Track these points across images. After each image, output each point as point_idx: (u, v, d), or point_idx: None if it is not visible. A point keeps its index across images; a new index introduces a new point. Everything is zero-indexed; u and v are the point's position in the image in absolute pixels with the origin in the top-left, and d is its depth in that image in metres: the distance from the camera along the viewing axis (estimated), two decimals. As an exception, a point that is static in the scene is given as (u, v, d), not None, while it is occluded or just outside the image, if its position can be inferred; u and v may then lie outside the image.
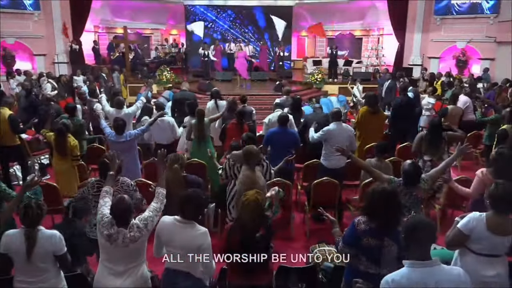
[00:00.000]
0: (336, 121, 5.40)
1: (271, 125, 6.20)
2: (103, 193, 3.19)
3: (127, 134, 5.34)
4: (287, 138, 5.39)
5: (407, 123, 7.12)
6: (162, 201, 3.19)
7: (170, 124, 6.28)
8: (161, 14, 19.19)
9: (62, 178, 5.26)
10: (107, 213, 2.98)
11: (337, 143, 5.25)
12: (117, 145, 5.29)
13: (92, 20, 16.62)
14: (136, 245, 2.90)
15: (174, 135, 6.35)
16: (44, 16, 14.68)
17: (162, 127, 6.19)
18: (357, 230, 2.78)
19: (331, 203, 4.99)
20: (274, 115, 6.36)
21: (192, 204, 2.99)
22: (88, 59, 16.02)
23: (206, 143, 6.04)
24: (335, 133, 5.31)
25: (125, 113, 6.18)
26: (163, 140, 6.31)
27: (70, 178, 5.34)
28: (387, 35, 17.11)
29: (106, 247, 2.91)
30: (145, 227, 2.94)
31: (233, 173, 4.33)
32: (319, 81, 14.71)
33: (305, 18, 20.26)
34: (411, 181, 3.47)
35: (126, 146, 5.30)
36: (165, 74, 14.51)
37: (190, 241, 2.93)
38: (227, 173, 4.39)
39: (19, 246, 2.86)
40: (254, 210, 3.04)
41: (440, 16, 15.17)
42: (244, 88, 14.05)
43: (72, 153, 5.37)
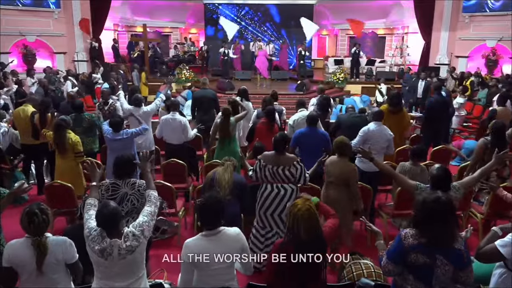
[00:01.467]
0: (376, 121, 5.02)
1: (296, 126, 5.85)
2: (87, 206, 2.84)
3: (124, 132, 5.15)
4: (316, 139, 5.02)
5: (441, 124, 6.67)
6: (156, 204, 2.88)
7: (182, 124, 5.88)
8: (181, 13, 19.06)
9: (66, 178, 4.94)
10: (94, 226, 2.62)
11: (376, 145, 4.94)
12: (113, 143, 5.12)
13: (112, 18, 16.57)
14: (134, 256, 2.57)
15: (185, 136, 5.94)
16: (65, 14, 14.65)
17: (173, 126, 5.86)
18: (404, 245, 2.41)
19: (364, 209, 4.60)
20: (300, 115, 6.01)
21: (211, 211, 2.70)
22: (108, 57, 15.95)
23: (231, 143, 5.74)
24: (375, 134, 4.95)
25: (143, 111, 5.92)
26: (173, 140, 5.95)
27: (74, 177, 5.03)
28: (412, 34, 16.54)
29: (101, 264, 2.56)
30: (141, 234, 2.60)
31: (264, 175, 3.98)
32: (341, 81, 14.29)
33: (326, 17, 19.83)
34: (440, 187, 3.03)
35: (122, 144, 5.09)
36: (184, 73, 14.32)
37: (231, 246, 2.70)
38: (257, 174, 4.04)
39: (27, 257, 2.59)
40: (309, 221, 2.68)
41: (469, 14, 14.54)
42: (264, 87, 13.72)
43: (74, 149, 5.08)
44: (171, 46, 19.30)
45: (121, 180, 3.52)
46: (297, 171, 3.95)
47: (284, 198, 3.91)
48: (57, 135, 5.03)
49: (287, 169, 3.92)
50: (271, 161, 3.97)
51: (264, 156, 4.07)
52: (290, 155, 4.04)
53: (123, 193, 3.49)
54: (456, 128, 8.80)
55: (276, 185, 3.96)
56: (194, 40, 19.29)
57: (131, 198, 3.47)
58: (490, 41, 14.34)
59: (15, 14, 13.53)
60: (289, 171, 3.93)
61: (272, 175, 3.94)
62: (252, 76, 15.57)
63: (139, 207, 3.41)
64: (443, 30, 15.02)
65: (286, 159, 3.98)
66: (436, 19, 14.97)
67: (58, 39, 14.65)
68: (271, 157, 4.00)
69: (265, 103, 6.80)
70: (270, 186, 3.98)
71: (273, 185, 3.97)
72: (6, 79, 9.45)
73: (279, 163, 3.94)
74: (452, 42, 15.07)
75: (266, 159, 4.01)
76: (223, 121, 5.62)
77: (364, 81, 15.04)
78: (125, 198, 3.48)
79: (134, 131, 5.25)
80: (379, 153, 4.96)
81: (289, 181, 3.96)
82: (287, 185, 3.95)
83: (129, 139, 5.18)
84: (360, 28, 16.73)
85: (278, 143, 4.01)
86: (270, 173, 3.95)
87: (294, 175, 3.94)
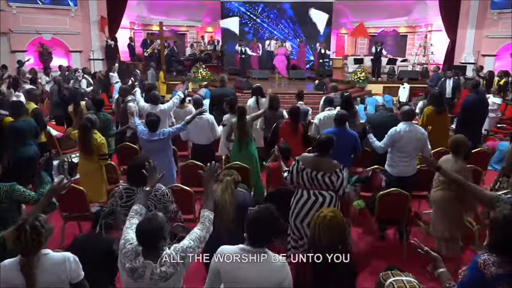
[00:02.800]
0: (406, 121, 4.58)
1: (322, 125, 5.46)
2: (132, 212, 2.52)
3: (161, 132, 4.73)
4: (346, 140, 4.61)
5: (477, 125, 6.19)
6: (209, 229, 2.48)
7: (209, 122, 5.59)
8: (197, 11, 18.80)
9: (88, 181, 4.69)
10: (131, 238, 2.29)
11: (407, 147, 4.51)
12: (149, 144, 4.71)
13: (128, 16, 16.39)
14: (167, 284, 2.20)
15: (214, 134, 5.66)
16: (81, 12, 14.52)
17: (200, 125, 5.51)
18: (485, 275, 1.98)
19: (399, 218, 4.20)
20: (326, 114, 5.62)
21: (264, 225, 2.27)
22: (123, 56, 15.78)
23: (248, 144, 5.38)
24: (405, 136, 4.50)
25: (160, 110, 5.58)
26: (202, 140, 5.65)
27: (97, 181, 4.76)
28: (436, 32, 15.92)
29: (129, 284, 2.23)
30: (182, 261, 2.22)
31: (302, 180, 3.56)
32: (362, 80, 13.80)
33: (346, 15, 19.34)
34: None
35: (159, 146, 4.71)
36: (200, 72, 14.03)
37: (265, 278, 2.21)
38: (293, 178, 3.61)
39: (18, 280, 2.17)
40: (332, 231, 2.31)
41: (498, 10, 13.89)
42: (282, 87, 13.33)
43: (98, 151, 4.77)
44: (187, 45, 19.06)
45: (135, 186, 3.16)
46: (338, 180, 3.54)
47: (323, 206, 3.50)
48: (83, 136, 4.75)
49: (327, 176, 3.52)
50: (311, 164, 3.55)
51: (304, 158, 3.64)
52: (332, 161, 3.61)
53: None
54: (489, 129, 8.28)
55: (313, 191, 3.55)
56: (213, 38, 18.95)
57: (148, 204, 3.10)
58: (519, 39, 13.68)
59: (32, 12, 13.44)
60: (329, 179, 3.52)
61: (310, 180, 3.54)
62: (269, 75, 15.20)
63: None
64: (469, 28, 14.41)
65: (328, 164, 3.57)
66: (462, 17, 14.37)
67: (74, 38, 14.53)
68: (311, 161, 3.58)
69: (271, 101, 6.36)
70: (307, 192, 3.57)
71: (310, 192, 3.56)
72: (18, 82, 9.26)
73: (319, 168, 3.53)
74: (478, 40, 14.44)
75: (306, 162, 3.58)
76: (239, 120, 5.26)
77: (386, 81, 14.52)
78: None
79: (172, 130, 4.84)
80: (411, 155, 4.54)
81: (328, 189, 3.56)
82: (325, 192, 3.55)
83: (166, 139, 4.78)
84: (363, 29, 16.25)
85: (322, 145, 3.59)
86: (308, 178, 3.54)
87: (334, 183, 3.53)
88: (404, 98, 13.08)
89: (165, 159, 4.73)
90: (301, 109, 5.83)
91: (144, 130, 4.72)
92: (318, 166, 3.53)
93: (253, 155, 5.45)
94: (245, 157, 5.31)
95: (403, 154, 4.52)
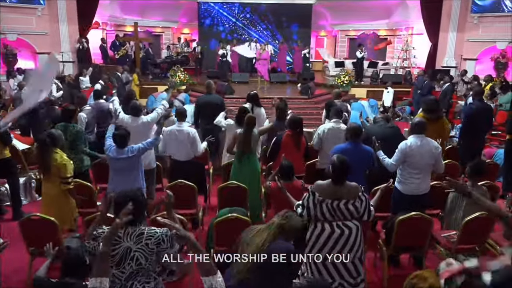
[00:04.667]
0: (417, 134, 4.15)
1: (325, 139, 4.97)
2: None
3: (129, 149, 4.11)
4: (360, 156, 4.14)
5: (481, 135, 5.87)
6: None
7: (190, 136, 4.92)
8: (173, 12, 18.04)
9: (50, 207, 4.00)
10: None
11: (419, 163, 4.07)
12: (116, 163, 4.13)
13: (100, 16, 15.49)
14: None
15: (194, 150, 5.00)
16: (49, 11, 13.56)
17: (179, 139, 4.89)
18: None
19: (420, 244, 3.75)
20: (331, 127, 5.07)
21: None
22: (95, 58, 14.90)
23: (250, 160, 4.84)
24: (417, 150, 4.06)
25: (142, 122, 4.94)
26: (181, 156, 4.98)
27: (60, 207, 4.06)
28: (417, 35, 15.82)
29: None
30: None
31: (321, 213, 3.02)
32: (346, 84, 13.50)
33: (325, 17, 19.07)
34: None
35: (128, 164, 4.13)
36: (178, 75, 13.36)
37: None
38: (310, 212, 3.07)
39: None
40: None
41: (478, 14, 13.88)
42: (265, 91, 12.83)
43: (59, 173, 4.05)
44: (163, 47, 18.30)
45: (121, 229, 2.44)
46: (362, 205, 3.05)
47: (350, 239, 3.00)
48: (40, 152, 4.06)
49: (351, 203, 3.02)
50: (330, 194, 3.03)
51: (319, 188, 3.09)
52: (352, 184, 3.11)
53: (125, 249, 2.45)
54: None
55: (336, 223, 3.03)
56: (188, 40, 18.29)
57: (136, 256, 2.44)
58: (501, 43, 13.70)
59: (-6, 10, 12.42)
60: (354, 206, 3.02)
61: (332, 211, 3.02)
62: (249, 78, 14.71)
63: (147, 267, 2.47)
64: (450, 31, 14.34)
65: (349, 190, 3.06)
66: (444, 20, 14.28)
67: (42, 38, 13.55)
68: (329, 189, 3.05)
69: (279, 111, 5.94)
70: (329, 225, 3.03)
71: (333, 225, 3.03)
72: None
73: (340, 196, 3.02)
74: (460, 44, 14.40)
75: (323, 193, 3.04)
76: (246, 132, 4.71)
77: (369, 85, 14.28)
78: (127, 256, 2.44)
79: (142, 146, 4.17)
80: (424, 172, 4.12)
81: (352, 217, 3.06)
82: (350, 222, 3.05)
83: (136, 157, 4.16)
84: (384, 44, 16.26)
85: (340, 171, 3.04)
86: (329, 209, 3.01)
87: (358, 209, 3.04)
88: (388, 102, 12.87)
89: (135, 179, 4.15)
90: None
91: (112, 146, 4.11)
92: (338, 195, 3.02)
93: (256, 170, 4.93)
94: (246, 171, 4.79)
95: (415, 170, 4.09)
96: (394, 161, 4.14)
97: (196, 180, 4.83)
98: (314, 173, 5.05)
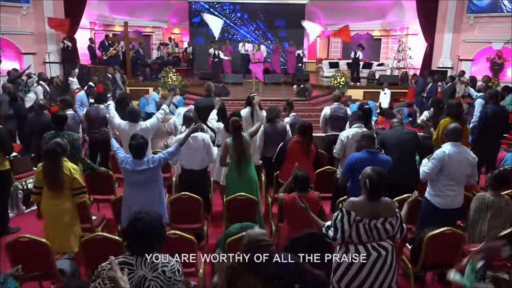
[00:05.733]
0: (454, 142, 3.85)
1: (350, 146, 4.66)
2: None
3: (149, 159, 3.72)
4: (378, 166, 3.73)
5: (497, 139, 5.61)
6: None
7: (205, 143, 4.52)
8: (163, 11, 17.61)
9: (56, 226, 3.58)
10: None
11: (457, 173, 3.77)
12: (135, 176, 3.70)
13: (89, 16, 14.98)
14: None
15: (210, 157, 4.63)
16: (34, 10, 13.01)
17: (194, 147, 4.47)
18: None
19: (451, 261, 3.45)
20: (355, 132, 4.77)
21: None
22: (83, 58, 14.37)
23: (248, 167, 4.49)
24: (455, 159, 3.77)
25: (141, 129, 4.53)
26: (195, 165, 4.59)
27: (67, 226, 3.65)
28: (412, 35, 15.65)
29: None
30: None
31: (357, 234, 2.68)
32: (342, 85, 13.22)
33: (318, 17, 18.80)
34: None
35: (148, 177, 3.72)
36: (170, 76, 12.92)
37: None
38: (344, 234, 2.69)
39: None
40: None
41: (474, 14, 13.76)
42: (260, 92, 12.48)
43: (72, 185, 3.70)
44: (153, 47, 17.84)
45: (135, 256, 2.12)
46: (397, 222, 2.73)
47: (386, 262, 2.68)
48: (49, 164, 3.64)
49: (388, 221, 2.70)
50: (368, 213, 2.69)
51: (355, 205, 2.74)
52: (386, 200, 2.78)
53: (139, 278, 2.11)
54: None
55: (371, 245, 2.69)
56: (177, 40, 17.86)
57: (151, 285, 2.11)
58: (496, 43, 13.60)
59: (-25, 9, 11.85)
60: (390, 224, 2.71)
61: (369, 232, 2.68)
62: (243, 79, 14.35)
63: None
64: (446, 32, 14.19)
65: (385, 206, 2.74)
66: (440, 20, 14.13)
67: (27, 38, 12.99)
68: (365, 207, 2.71)
69: (271, 113, 5.55)
70: (364, 248, 2.69)
71: (368, 247, 2.69)
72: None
73: (378, 214, 2.69)
74: (456, 45, 14.26)
75: (360, 212, 2.69)
76: (236, 138, 4.37)
77: (366, 86, 14.04)
78: (143, 285, 2.11)
79: (163, 155, 3.81)
80: (460, 183, 3.83)
81: (387, 236, 2.73)
82: (384, 242, 2.72)
83: (157, 167, 3.78)
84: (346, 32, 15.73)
85: (378, 185, 2.71)
86: (366, 230, 2.68)
87: (394, 227, 2.73)
88: (385, 104, 12.63)
89: (154, 193, 3.75)
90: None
91: (127, 157, 3.71)
92: (376, 212, 2.69)
93: (254, 180, 4.58)
94: (245, 184, 4.44)
95: (452, 181, 3.79)
96: (428, 169, 3.84)
97: (201, 190, 4.49)
98: (328, 182, 4.75)
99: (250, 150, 4.59)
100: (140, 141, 3.68)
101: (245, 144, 4.48)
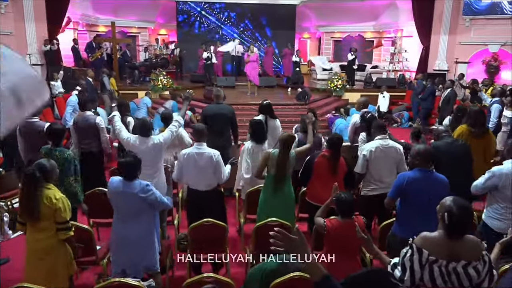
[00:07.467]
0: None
1: (373, 160, 4.17)
2: None
3: (143, 186, 3.21)
4: (434, 188, 3.25)
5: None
6: None
7: (213, 161, 3.90)
8: (150, 11, 16.90)
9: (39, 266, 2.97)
10: None
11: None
12: (120, 200, 3.26)
13: (72, 15, 14.16)
14: None
15: (219, 177, 3.99)
16: (13, 8, 12.15)
17: (200, 165, 3.91)
18: None
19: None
20: (379, 145, 4.23)
21: None
22: (67, 60, 13.57)
23: (285, 187, 4.01)
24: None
25: (154, 144, 3.92)
26: (200, 185, 3.97)
27: (53, 265, 3.05)
28: (407, 37, 15.42)
29: None
30: None
31: (431, 278, 2.17)
32: (340, 88, 12.84)
33: (309, 19, 18.48)
34: None
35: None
36: (160, 79, 12.29)
37: None
38: (415, 277, 2.18)
39: None
40: None
41: (470, 16, 13.59)
42: (255, 96, 11.97)
43: (56, 218, 3.04)
44: (139, 49, 17.10)
45: None
46: (485, 268, 2.19)
47: None
48: (25, 190, 3.01)
49: (472, 266, 2.17)
50: (445, 253, 2.17)
51: (428, 242, 2.22)
52: (472, 239, 2.25)
53: None
54: (500, 148, 7.50)
55: None
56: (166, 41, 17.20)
57: None
58: (493, 46, 13.47)
59: (-52, 7, 10.96)
60: (475, 269, 2.16)
61: (446, 276, 2.17)
62: (235, 83, 13.82)
63: None
64: (442, 34, 13.99)
65: (469, 247, 2.21)
66: (436, 22, 13.92)
67: (6, 39, 12.07)
68: (442, 246, 2.18)
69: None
70: None
71: None
72: None
73: (458, 255, 2.17)
74: (452, 47, 14.07)
75: (435, 251, 2.18)
76: (282, 153, 3.90)
77: (363, 89, 13.70)
78: None
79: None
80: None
81: (470, 285, 2.20)
82: None
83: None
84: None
85: (459, 220, 2.18)
86: (443, 273, 2.16)
87: (480, 274, 2.17)
88: (384, 107, 12.31)
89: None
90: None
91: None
92: (457, 254, 2.19)
93: (291, 201, 4.14)
94: (281, 203, 3.97)
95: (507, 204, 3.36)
96: (480, 186, 3.41)
97: (216, 212, 3.96)
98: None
99: (291, 169, 4.12)
100: (129, 160, 3.16)
101: (290, 163, 4.03)
